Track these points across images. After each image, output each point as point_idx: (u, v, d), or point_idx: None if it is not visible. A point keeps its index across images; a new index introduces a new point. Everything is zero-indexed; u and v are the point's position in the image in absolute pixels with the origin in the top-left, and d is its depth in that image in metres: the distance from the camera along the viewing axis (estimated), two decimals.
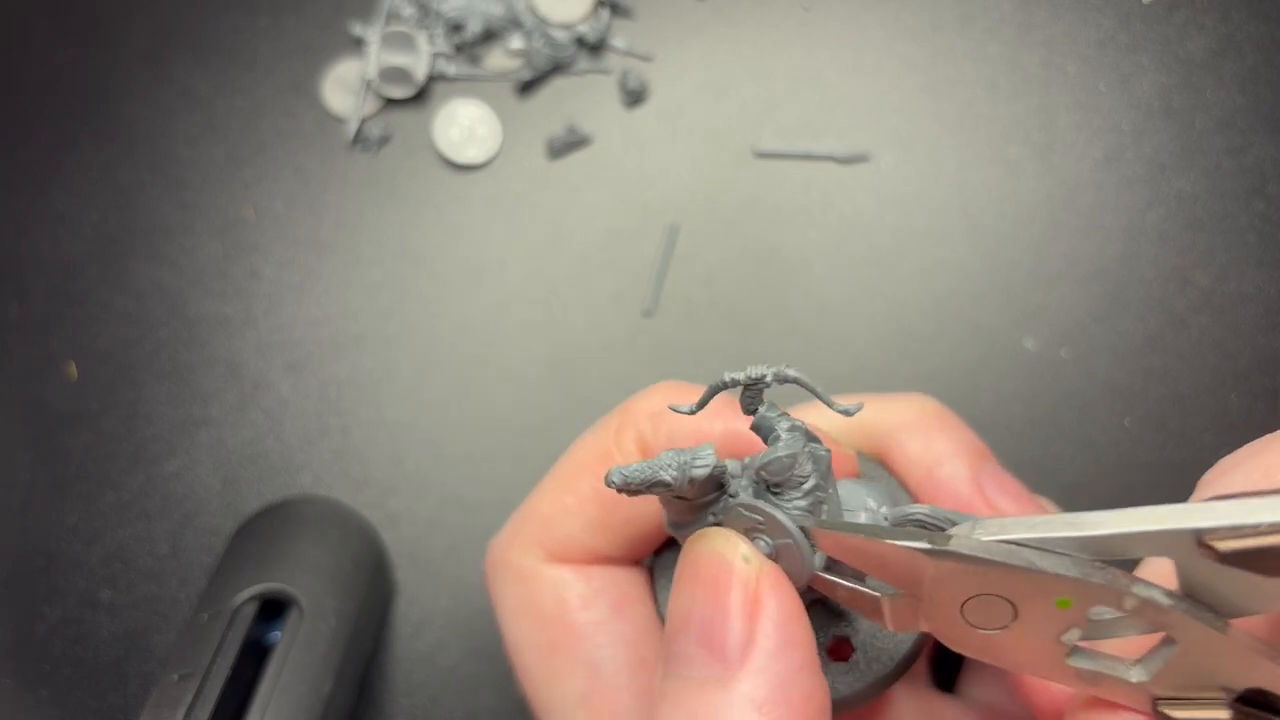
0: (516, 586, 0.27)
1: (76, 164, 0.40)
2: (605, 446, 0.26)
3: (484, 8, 0.40)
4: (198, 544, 0.37)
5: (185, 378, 0.38)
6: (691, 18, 0.40)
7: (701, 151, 0.40)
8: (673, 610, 0.21)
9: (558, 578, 0.26)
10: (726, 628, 0.20)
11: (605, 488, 0.24)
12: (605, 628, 0.26)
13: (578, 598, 0.26)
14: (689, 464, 0.20)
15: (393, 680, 0.37)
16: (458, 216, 0.39)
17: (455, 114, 0.40)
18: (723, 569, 0.20)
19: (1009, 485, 0.26)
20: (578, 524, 0.26)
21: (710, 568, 0.20)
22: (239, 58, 0.41)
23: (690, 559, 0.21)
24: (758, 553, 0.21)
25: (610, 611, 0.26)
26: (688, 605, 0.20)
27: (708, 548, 0.21)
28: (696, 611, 0.20)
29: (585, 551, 0.26)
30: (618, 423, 0.27)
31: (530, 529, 0.27)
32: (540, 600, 0.26)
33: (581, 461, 0.27)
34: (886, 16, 0.40)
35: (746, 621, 0.20)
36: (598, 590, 0.26)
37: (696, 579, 0.20)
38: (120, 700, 0.36)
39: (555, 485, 0.27)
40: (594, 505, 0.26)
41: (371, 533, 0.37)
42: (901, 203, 0.39)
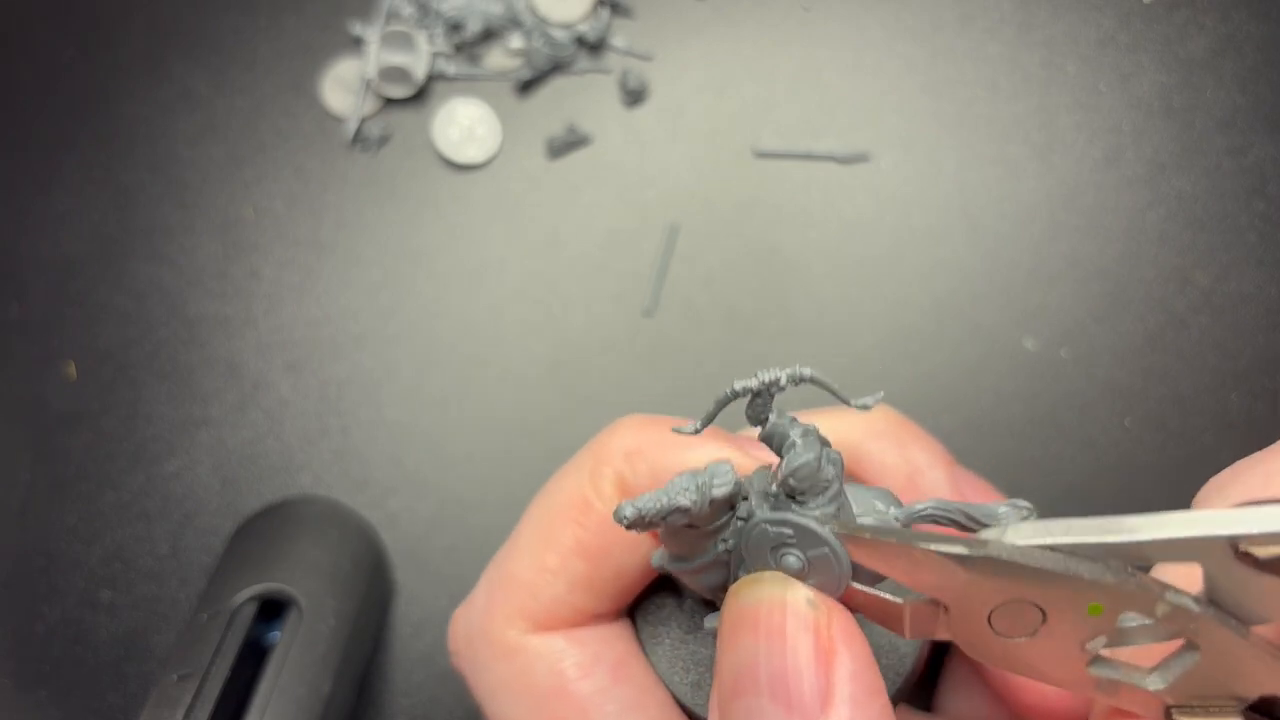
0: (502, 663, 0.24)
1: (76, 164, 0.40)
2: (581, 494, 0.24)
3: (484, 7, 0.40)
4: (197, 544, 0.37)
5: (185, 378, 0.38)
6: (691, 18, 0.40)
7: (701, 151, 0.40)
8: (731, 664, 0.20)
9: (549, 648, 0.24)
10: (801, 679, 0.19)
11: (588, 540, 0.24)
12: (609, 695, 0.24)
13: (575, 667, 0.24)
14: (707, 485, 0.19)
15: (393, 680, 0.37)
16: (458, 216, 0.39)
17: (455, 114, 0.40)
18: (789, 616, 0.19)
19: (984, 489, 0.26)
20: (563, 584, 0.24)
21: (773, 615, 0.19)
22: (239, 58, 0.41)
23: (747, 607, 0.20)
24: (822, 596, 0.20)
25: (610, 678, 0.24)
26: (752, 658, 0.19)
27: (767, 594, 0.20)
28: (764, 664, 0.19)
29: (574, 613, 0.24)
30: (590, 466, 0.25)
31: (509, 597, 0.25)
32: (532, 675, 0.24)
33: (557, 514, 0.25)
34: (886, 16, 0.40)
35: (822, 671, 0.19)
36: (594, 656, 0.24)
37: (758, 629, 0.19)
38: (120, 700, 0.36)
39: (532, 543, 0.25)
40: (579, 560, 0.24)
41: (371, 533, 0.37)
42: (901, 203, 0.39)
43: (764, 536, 0.20)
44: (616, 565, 0.24)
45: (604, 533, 0.24)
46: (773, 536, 0.20)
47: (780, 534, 0.20)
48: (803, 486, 0.19)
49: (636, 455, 0.24)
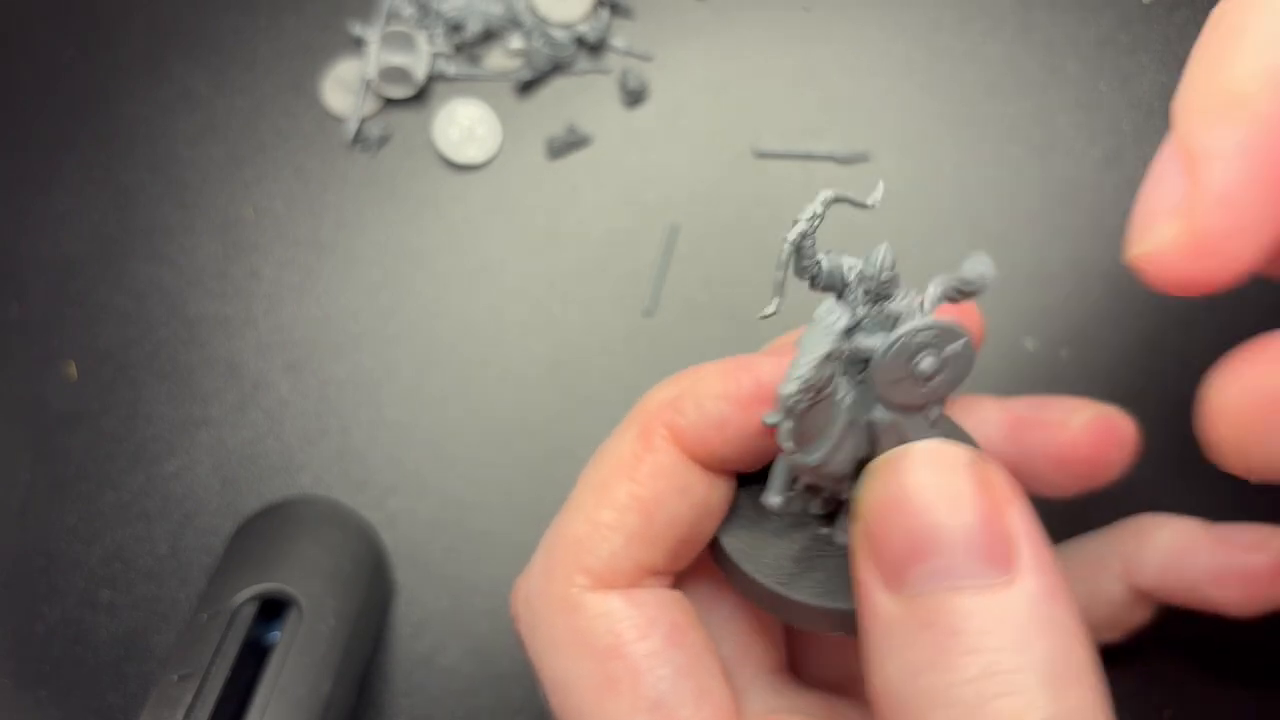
0: (562, 619, 0.25)
1: (76, 164, 0.40)
2: (631, 451, 0.25)
3: (484, 7, 0.40)
4: (197, 544, 0.37)
5: (185, 378, 0.38)
6: (691, 18, 0.40)
7: (701, 151, 0.40)
8: (904, 530, 0.20)
9: (608, 607, 0.25)
10: (992, 531, 0.20)
11: (641, 493, 0.25)
12: (663, 657, 0.24)
13: (633, 628, 0.24)
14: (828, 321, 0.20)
15: (393, 680, 0.37)
16: (458, 216, 0.39)
17: (455, 114, 0.40)
18: (961, 475, 0.20)
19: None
20: (620, 539, 0.25)
21: (947, 479, 0.20)
22: (239, 58, 0.41)
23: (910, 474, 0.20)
24: (979, 452, 0.21)
25: (665, 641, 0.24)
26: (936, 518, 0.20)
27: (931, 458, 0.21)
28: (950, 522, 0.20)
29: (633, 566, 0.25)
30: (638, 425, 0.25)
31: (568, 555, 0.25)
32: (590, 633, 0.24)
33: (609, 473, 0.25)
34: (886, 16, 0.40)
35: (1000, 522, 0.20)
36: (651, 619, 0.24)
37: (933, 493, 0.20)
38: (120, 700, 0.36)
39: (586, 504, 0.25)
40: (634, 515, 0.25)
41: (371, 533, 0.37)
42: (901, 203, 0.39)
43: (903, 351, 0.21)
44: (670, 514, 0.25)
45: (656, 484, 0.25)
46: (913, 347, 0.21)
47: (922, 340, 0.21)
48: (889, 277, 0.21)
49: (681, 399, 0.25)
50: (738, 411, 0.24)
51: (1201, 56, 0.21)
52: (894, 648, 0.20)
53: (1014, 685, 0.19)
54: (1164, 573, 0.30)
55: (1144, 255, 0.21)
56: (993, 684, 0.19)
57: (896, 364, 0.21)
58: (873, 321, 0.21)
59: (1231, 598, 0.29)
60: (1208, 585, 0.29)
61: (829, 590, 0.23)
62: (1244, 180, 0.20)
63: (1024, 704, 0.18)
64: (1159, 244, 0.21)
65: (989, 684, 0.19)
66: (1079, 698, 0.19)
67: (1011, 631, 0.19)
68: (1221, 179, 0.20)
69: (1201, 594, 0.30)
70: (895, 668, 0.20)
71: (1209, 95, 0.20)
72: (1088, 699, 0.19)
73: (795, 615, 0.24)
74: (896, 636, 0.20)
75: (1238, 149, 0.20)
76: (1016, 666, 0.19)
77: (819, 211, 0.21)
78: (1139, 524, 0.32)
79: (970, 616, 0.19)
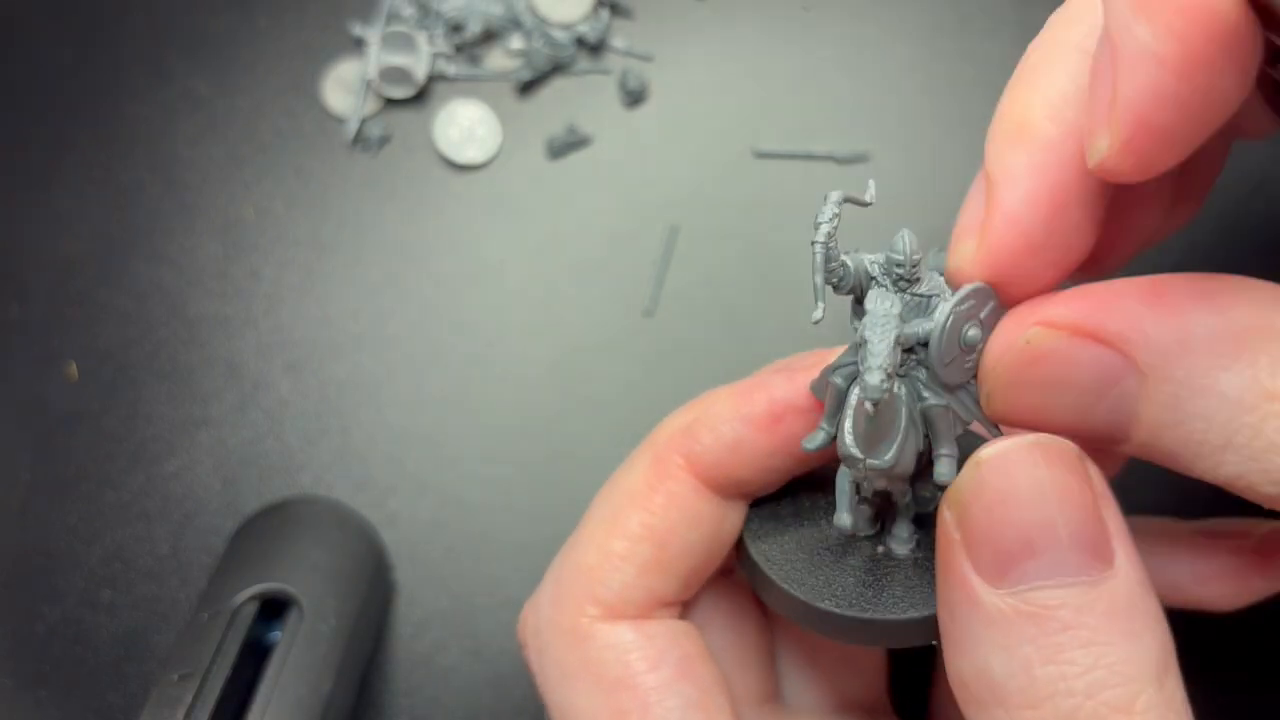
0: (572, 649, 0.25)
1: (76, 164, 0.40)
2: (644, 481, 0.25)
3: (484, 8, 0.40)
4: (198, 544, 0.37)
5: (185, 378, 0.38)
6: (691, 18, 0.40)
7: (701, 151, 0.40)
8: (1016, 526, 0.20)
9: (619, 638, 0.25)
10: (1097, 527, 0.20)
11: (654, 523, 0.25)
12: (672, 690, 0.24)
13: (642, 660, 0.24)
14: (884, 307, 0.21)
15: (393, 680, 0.37)
16: (458, 216, 0.39)
17: (455, 114, 0.40)
18: (1077, 472, 0.20)
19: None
20: (632, 570, 0.25)
21: (1061, 474, 0.20)
22: (239, 58, 0.41)
23: (1029, 471, 0.21)
24: (1070, 443, 0.21)
25: (676, 673, 0.25)
26: (1050, 515, 0.20)
27: (1046, 450, 0.21)
28: (1063, 519, 0.20)
29: (646, 596, 0.25)
30: (651, 455, 0.26)
31: (579, 585, 0.25)
32: (600, 664, 0.25)
33: (621, 503, 0.25)
34: (886, 17, 0.40)
35: (1101, 516, 0.20)
36: (662, 650, 0.25)
37: (1047, 489, 0.20)
38: (120, 700, 0.36)
39: (597, 533, 0.26)
40: (647, 545, 0.25)
41: (371, 533, 0.37)
42: (901, 203, 0.39)
43: (956, 324, 0.21)
44: (682, 544, 0.25)
45: (669, 514, 0.25)
46: (963, 318, 0.21)
47: (967, 309, 0.21)
48: (918, 260, 0.21)
49: (695, 425, 0.25)
50: (753, 432, 0.25)
51: (1008, 90, 0.23)
52: (999, 641, 0.20)
53: (1124, 675, 0.19)
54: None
55: (953, 270, 0.23)
56: (1105, 675, 0.19)
57: (952, 340, 0.21)
58: (909, 309, 0.22)
59: (1217, 594, 0.29)
60: (1191, 584, 0.29)
61: (911, 602, 0.23)
62: (1029, 200, 0.21)
63: (1132, 693, 0.19)
64: (961, 260, 0.22)
65: (1101, 675, 0.19)
66: (1173, 686, 0.20)
67: (1118, 624, 0.19)
68: (1009, 199, 0.22)
69: (1185, 593, 0.29)
70: (1001, 661, 0.20)
71: (1005, 123, 0.22)
72: (1179, 686, 0.20)
73: (861, 634, 0.24)
74: (1002, 629, 0.20)
75: (1024, 170, 0.21)
76: (1127, 658, 0.19)
77: (836, 210, 0.21)
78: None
79: (1081, 610, 0.19)
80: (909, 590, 0.24)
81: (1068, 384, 0.21)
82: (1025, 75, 0.23)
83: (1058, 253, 0.22)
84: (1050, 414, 0.22)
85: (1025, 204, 0.22)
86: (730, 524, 0.26)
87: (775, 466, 0.25)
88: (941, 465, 0.22)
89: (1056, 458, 0.21)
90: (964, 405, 0.22)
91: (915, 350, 0.22)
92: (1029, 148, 0.22)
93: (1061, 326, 0.21)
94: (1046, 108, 0.22)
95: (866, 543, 0.25)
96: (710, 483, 0.25)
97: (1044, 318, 0.21)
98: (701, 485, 0.25)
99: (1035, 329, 0.21)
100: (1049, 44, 0.22)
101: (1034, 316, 0.22)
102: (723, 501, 0.26)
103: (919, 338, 0.22)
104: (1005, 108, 0.23)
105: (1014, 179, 0.22)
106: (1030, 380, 0.22)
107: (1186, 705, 0.20)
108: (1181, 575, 0.29)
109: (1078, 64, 0.21)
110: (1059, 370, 0.21)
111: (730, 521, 0.26)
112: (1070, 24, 0.22)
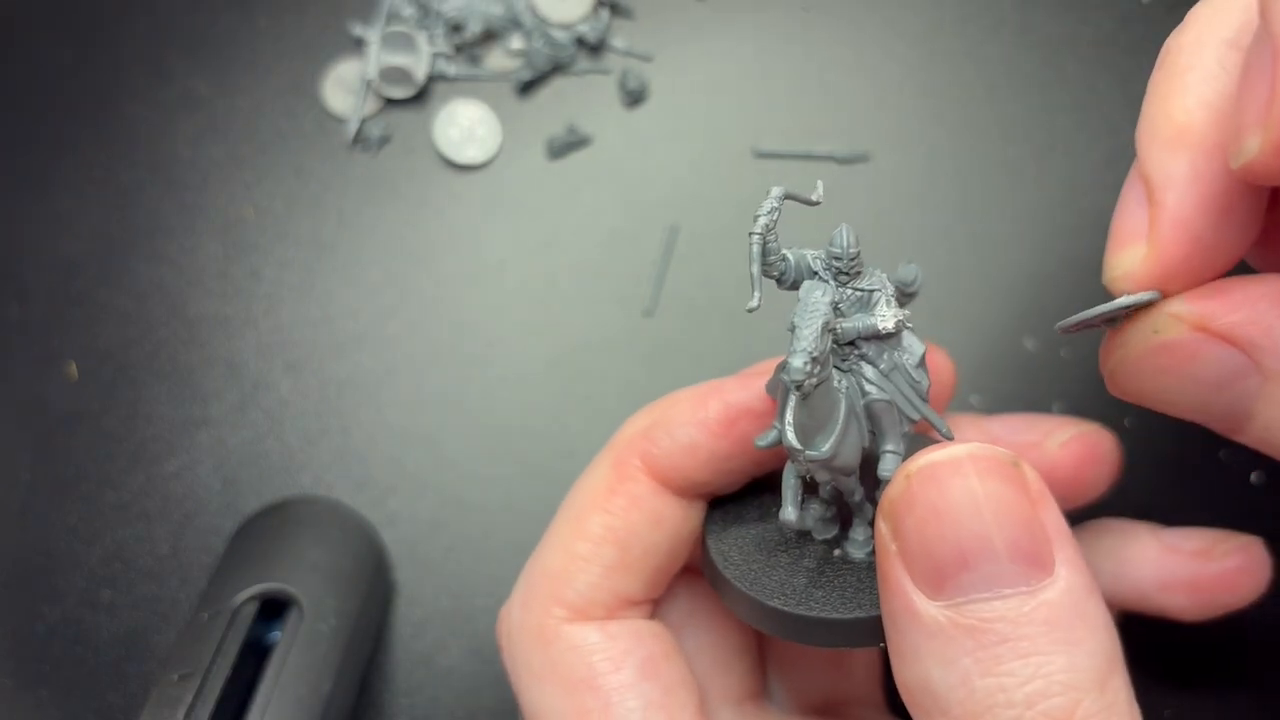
0: (538, 650, 0.26)
1: (76, 164, 0.40)
2: (605, 484, 0.26)
3: (484, 8, 0.40)
4: (198, 544, 0.37)
5: (185, 378, 0.38)
6: (691, 18, 0.40)
7: (701, 151, 0.40)
8: (949, 539, 0.20)
9: (583, 639, 0.25)
10: (1034, 536, 0.20)
11: (616, 524, 0.25)
12: (634, 690, 0.25)
13: (606, 660, 0.25)
14: (814, 296, 0.21)
15: (393, 680, 0.37)
16: (458, 216, 0.39)
17: (455, 114, 0.40)
18: (1011, 480, 0.20)
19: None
20: (596, 571, 0.25)
21: (994, 485, 0.20)
22: (239, 58, 0.41)
23: (958, 483, 0.21)
24: (1005, 451, 0.21)
25: (638, 674, 0.25)
26: (983, 527, 0.20)
27: (979, 460, 0.21)
28: (998, 531, 0.20)
29: (610, 597, 0.26)
30: (612, 458, 0.26)
31: (545, 587, 0.26)
32: (565, 664, 0.25)
33: (584, 506, 0.26)
34: (886, 17, 0.40)
35: (1040, 523, 0.20)
36: (625, 651, 0.25)
37: (980, 501, 0.20)
38: (120, 700, 0.36)
39: (562, 536, 0.26)
40: (609, 546, 0.25)
41: (371, 533, 0.37)
42: (901, 203, 0.39)
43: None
44: (646, 544, 0.25)
45: (630, 515, 0.25)
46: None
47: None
48: (856, 253, 0.22)
49: (653, 428, 0.26)
50: (708, 436, 0.25)
51: (1154, 90, 0.22)
52: (939, 653, 0.20)
53: (1065, 684, 0.19)
54: (1114, 580, 0.30)
55: (1118, 278, 0.23)
56: (1044, 685, 0.19)
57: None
58: (850, 304, 0.22)
59: (1179, 605, 0.29)
60: (1155, 592, 0.29)
61: (846, 602, 0.23)
62: (1197, 205, 0.21)
63: (1073, 702, 0.19)
64: (1130, 267, 0.22)
65: (1041, 685, 0.19)
66: (1116, 689, 0.20)
67: (1057, 632, 0.19)
68: (1176, 205, 0.21)
69: (1150, 601, 0.29)
70: (941, 672, 0.20)
71: (1160, 126, 0.22)
72: (1123, 688, 0.20)
73: (806, 633, 0.24)
74: (941, 642, 0.20)
75: (1188, 175, 0.21)
76: (1066, 666, 0.19)
77: (776, 205, 0.21)
78: (1091, 529, 0.31)
79: (1018, 622, 0.19)
80: (859, 592, 0.24)
81: (1190, 377, 0.21)
82: (1175, 75, 0.22)
83: (1223, 254, 0.22)
84: (1169, 400, 0.22)
85: (1194, 209, 0.21)
86: (693, 523, 0.26)
87: (732, 469, 0.26)
88: (886, 462, 0.23)
89: (989, 469, 0.21)
90: (909, 401, 0.22)
91: (857, 344, 0.22)
92: (1191, 152, 0.21)
93: (1190, 322, 0.21)
94: (1205, 109, 0.21)
95: (824, 545, 0.25)
96: (669, 484, 0.26)
97: (1174, 311, 0.22)
98: (661, 487, 0.26)
99: (1165, 318, 0.22)
100: (1196, 42, 0.22)
101: (1167, 306, 0.22)
102: (684, 502, 0.26)
103: (859, 331, 0.22)
104: (1156, 109, 0.22)
105: (1179, 184, 0.21)
106: (1153, 367, 0.22)
107: (1133, 706, 0.20)
108: (1146, 582, 0.29)
109: (1230, 62, 0.21)
110: (1182, 363, 0.21)
111: (693, 521, 0.26)
112: (1217, 19, 0.22)
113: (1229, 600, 0.29)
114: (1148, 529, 0.30)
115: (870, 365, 0.22)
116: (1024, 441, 0.28)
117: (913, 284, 0.24)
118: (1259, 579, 0.29)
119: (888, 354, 0.22)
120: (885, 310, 0.22)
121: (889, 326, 0.22)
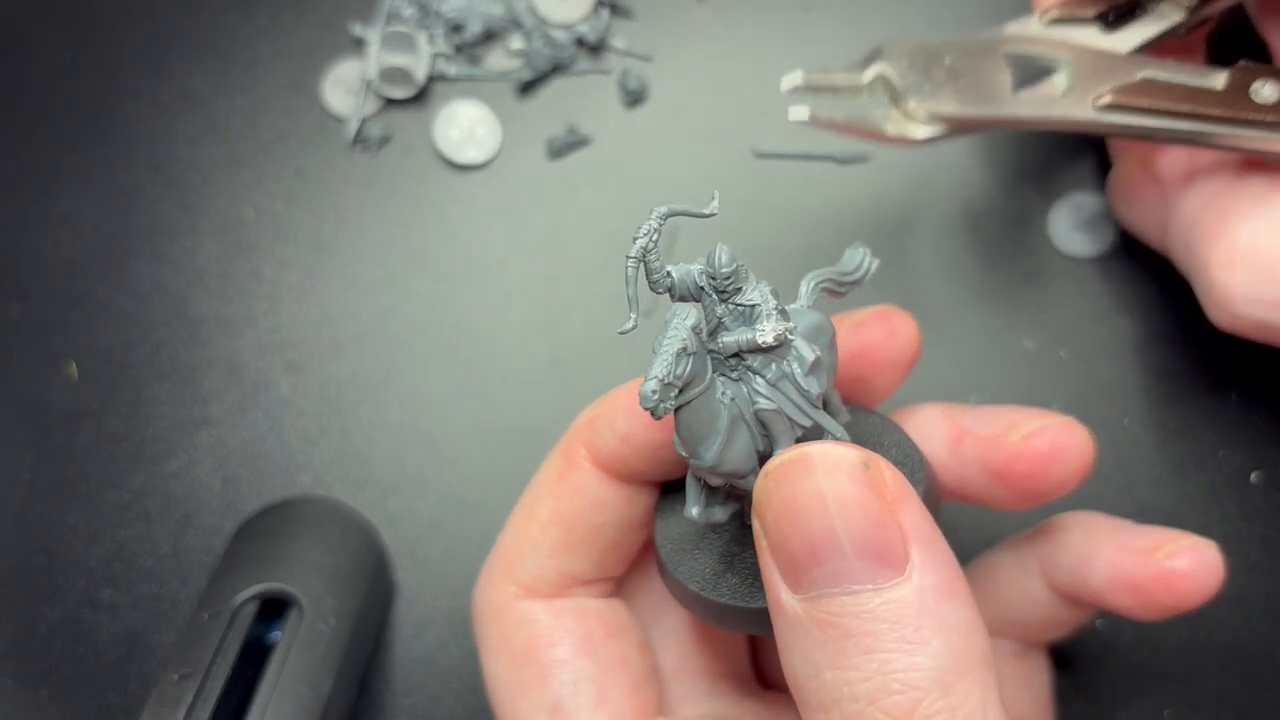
0: (493, 625, 0.28)
1: (76, 164, 0.40)
2: (554, 470, 0.28)
3: (484, 8, 0.40)
4: (198, 544, 0.37)
5: (185, 378, 0.38)
6: (691, 18, 0.40)
7: (701, 151, 0.40)
8: (801, 536, 0.21)
9: (527, 614, 0.27)
10: (885, 534, 0.21)
11: (562, 508, 0.27)
12: (569, 666, 0.27)
13: (545, 635, 0.27)
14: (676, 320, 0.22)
15: (393, 680, 0.37)
16: (458, 216, 0.39)
17: (455, 114, 0.40)
18: (852, 480, 0.21)
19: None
20: (544, 551, 0.27)
21: (841, 484, 0.21)
22: (239, 58, 0.41)
23: (802, 482, 0.21)
24: (868, 451, 0.22)
25: (575, 650, 0.27)
26: (830, 524, 0.21)
27: (827, 458, 0.21)
28: (843, 528, 0.21)
29: (558, 576, 0.27)
30: (561, 447, 0.28)
31: (501, 566, 0.28)
32: (513, 637, 0.27)
33: (536, 491, 0.28)
34: (886, 16, 0.40)
35: (895, 523, 0.21)
36: (566, 627, 0.27)
37: (826, 499, 0.21)
38: (120, 700, 0.36)
39: (517, 519, 0.28)
40: (555, 528, 0.27)
41: (371, 533, 0.37)
42: (901, 203, 0.39)
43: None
44: (590, 527, 0.27)
45: (575, 500, 0.27)
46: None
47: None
48: (729, 272, 0.22)
49: (596, 420, 0.27)
50: (641, 427, 0.26)
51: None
52: (798, 644, 0.21)
53: (905, 682, 0.20)
54: (1072, 576, 0.29)
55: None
56: (885, 682, 0.20)
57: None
58: (733, 318, 0.23)
59: (1125, 604, 0.28)
60: (1104, 590, 0.28)
61: (748, 592, 0.24)
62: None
63: (914, 700, 0.20)
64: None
65: (882, 682, 0.20)
66: (965, 691, 0.20)
67: (903, 630, 0.20)
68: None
69: (1101, 599, 0.29)
70: (800, 664, 0.21)
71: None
72: (974, 691, 0.20)
73: (718, 617, 0.25)
74: (799, 634, 0.21)
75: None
76: (908, 665, 0.20)
77: (655, 226, 0.22)
78: (1057, 522, 0.30)
79: (864, 618, 0.20)
80: (751, 580, 0.25)
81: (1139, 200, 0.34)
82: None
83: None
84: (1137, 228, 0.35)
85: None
86: (640, 508, 0.28)
87: (667, 458, 0.27)
88: None
89: (834, 467, 0.21)
90: (798, 408, 0.23)
91: (743, 355, 0.23)
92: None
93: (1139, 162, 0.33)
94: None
95: (744, 527, 0.26)
96: (611, 472, 0.27)
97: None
98: (604, 474, 0.27)
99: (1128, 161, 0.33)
100: None
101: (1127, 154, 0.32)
102: (630, 488, 0.27)
103: (740, 345, 0.22)
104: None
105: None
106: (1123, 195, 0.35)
107: (987, 710, 0.20)
108: (1096, 579, 0.28)
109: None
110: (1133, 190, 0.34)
111: (640, 506, 0.28)
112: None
113: (1169, 603, 0.28)
114: (1108, 525, 0.29)
115: (758, 375, 0.23)
116: (987, 434, 0.28)
117: (856, 271, 0.25)
118: (1205, 583, 0.27)
119: (775, 364, 0.23)
120: (765, 325, 0.22)
121: (768, 340, 0.22)
